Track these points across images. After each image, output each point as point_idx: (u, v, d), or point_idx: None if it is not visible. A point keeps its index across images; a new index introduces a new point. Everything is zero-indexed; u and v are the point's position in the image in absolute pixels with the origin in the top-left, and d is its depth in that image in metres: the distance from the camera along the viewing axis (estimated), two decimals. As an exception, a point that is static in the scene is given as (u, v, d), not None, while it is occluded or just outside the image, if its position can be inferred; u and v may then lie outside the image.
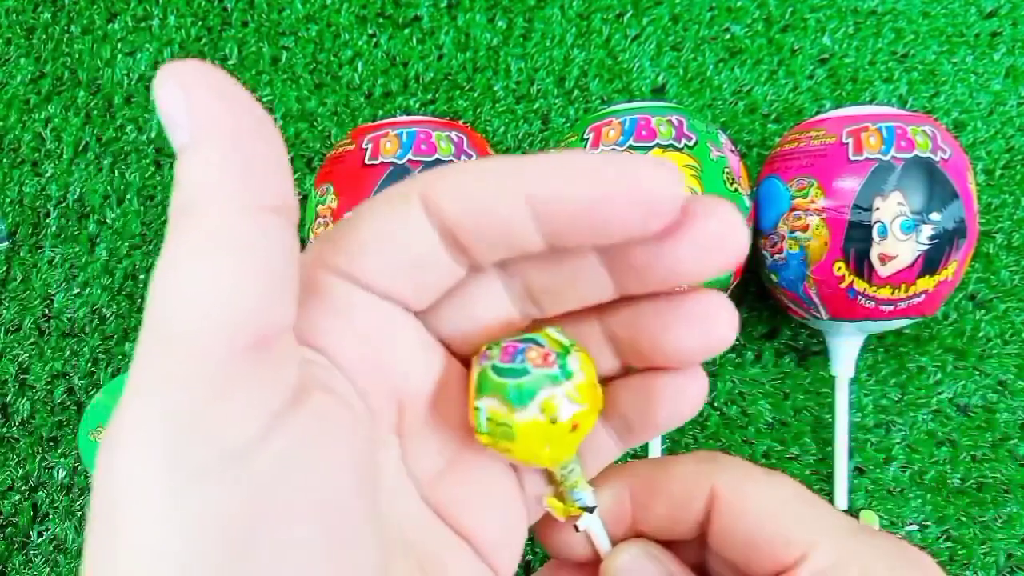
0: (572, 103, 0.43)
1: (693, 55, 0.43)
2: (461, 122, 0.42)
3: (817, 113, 0.38)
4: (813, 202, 0.33)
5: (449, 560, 0.17)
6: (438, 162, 0.32)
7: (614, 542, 0.20)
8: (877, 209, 0.31)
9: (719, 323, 0.17)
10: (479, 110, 0.43)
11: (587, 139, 0.33)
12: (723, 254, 0.15)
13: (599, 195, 0.14)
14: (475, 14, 0.43)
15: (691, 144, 0.32)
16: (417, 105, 0.43)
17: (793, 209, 0.33)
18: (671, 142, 0.32)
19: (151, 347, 0.12)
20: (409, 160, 0.32)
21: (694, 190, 0.32)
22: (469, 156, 0.33)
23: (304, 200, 0.42)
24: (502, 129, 0.42)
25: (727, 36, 0.43)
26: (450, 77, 0.43)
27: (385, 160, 0.32)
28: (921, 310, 0.33)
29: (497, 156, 0.16)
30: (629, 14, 0.43)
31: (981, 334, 0.39)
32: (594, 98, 0.43)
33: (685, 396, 0.18)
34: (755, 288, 0.39)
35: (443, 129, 0.33)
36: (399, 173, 0.32)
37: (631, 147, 0.32)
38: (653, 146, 0.32)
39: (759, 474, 0.19)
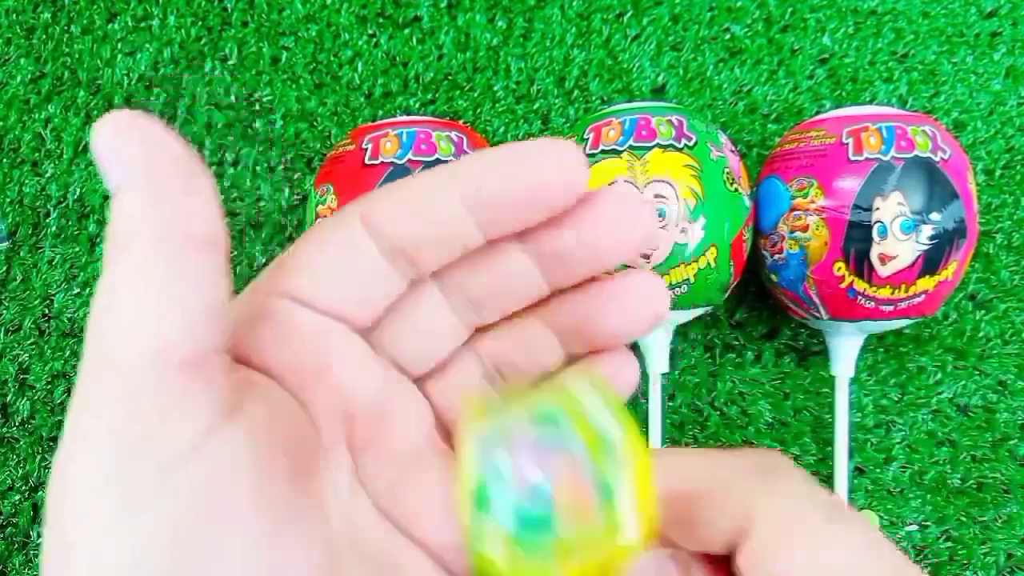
0: (572, 103, 0.43)
1: (693, 55, 0.43)
2: (461, 122, 0.42)
3: (817, 113, 0.38)
4: (813, 202, 0.33)
5: (408, 568, 0.17)
6: (438, 162, 0.32)
7: None
8: (877, 209, 0.31)
9: (648, 300, 0.18)
10: (479, 110, 0.43)
11: (587, 139, 0.33)
12: (632, 230, 0.17)
13: (523, 180, 0.16)
14: (475, 14, 0.43)
15: (691, 144, 0.32)
16: (417, 105, 0.43)
17: (793, 209, 0.33)
18: (671, 142, 0.32)
19: (93, 367, 0.14)
20: (409, 160, 0.32)
21: (694, 190, 0.32)
22: (469, 156, 0.33)
23: (304, 200, 0.42)
24: (502, 129, 0.42)
25: (727, 36, 0.43)
26: (450, 77, 0.43)
27: (385, 160, 0.32)
28: (921, 310, 0.33)
29: (430, 169, 0.18)
30: (629, 14, 0.43)
31: (981, 334, 0.39)
32: (594, 98, 0.43)
33: (621, 376, 0.19)
34: (755, 288, 0.39)
35: (443, 129, 0.33)
36: (399, 173, 0.32)
37: (631, 147, 0.32)
38: (653, 146, 0.32)
39: (815, 519, 0.14)
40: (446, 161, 0.32)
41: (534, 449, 0.12)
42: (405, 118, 0.34)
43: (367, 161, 0.32)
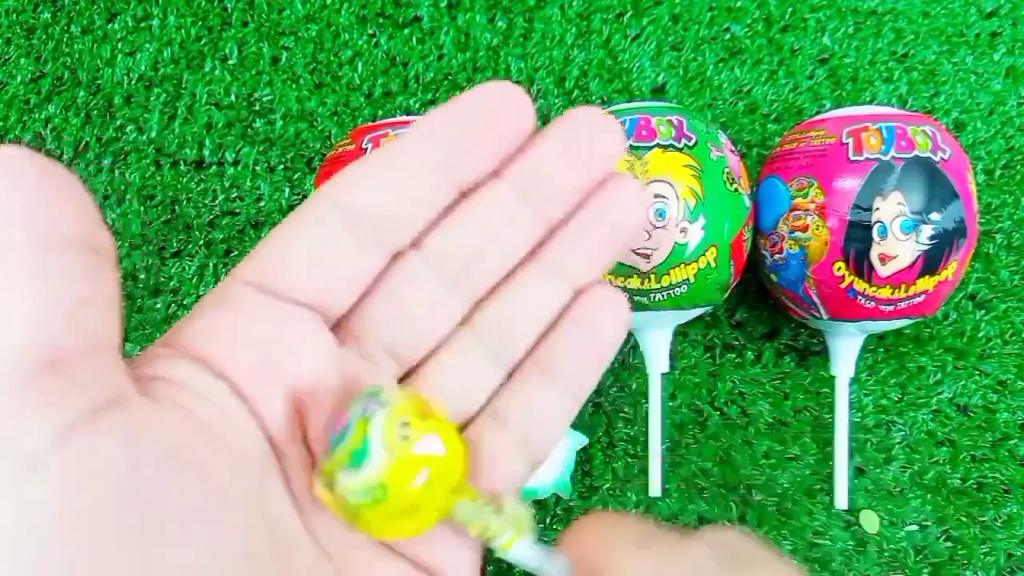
0: (572, 103, 0.43)
1: (693, 55, 0.43)
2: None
3: (817, 113, 0.38)
4: (813, 202, 0.33)
5: (377, 568, 0.17)
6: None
7: None
8: (877, 209, 0.31)
9: (630, 210, 0.20)
10: (479, 110, 0.43)
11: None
12: (604, 134, 0.19)
13: (485, 127, 0.18)
14: (475, 14, 0.43)
15: (691, 144, 0.32)
16: (417, 105, 0.43)
17: (793, 209, 0.33)
18: (671, 142, 0.32)
19: None
20: None
21: (694, 190, 0.32)
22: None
23: (304, 200, 0.42)
24: (502, 129, 0.42)
25: (727, 36, 0.43)
26: (450, 77, 0.43)
27: None
28: (921, 310, 0.33)
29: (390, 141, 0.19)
30: (629, 14, 0.43)
31: (981, 334, 0.39)
32: (594, 98, 0.43)
33: (613, 312, 0.20)
34: (755, 288, 0.39)
35: None
36: None
37: (631, 147, 0.32)
38: (653, 146, 0.32)
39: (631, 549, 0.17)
40: None
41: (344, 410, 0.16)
42: (406, 118, 0.34)
43: (367, 161, 0.32)
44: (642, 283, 0.32)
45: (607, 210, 0.19)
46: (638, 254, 0.32)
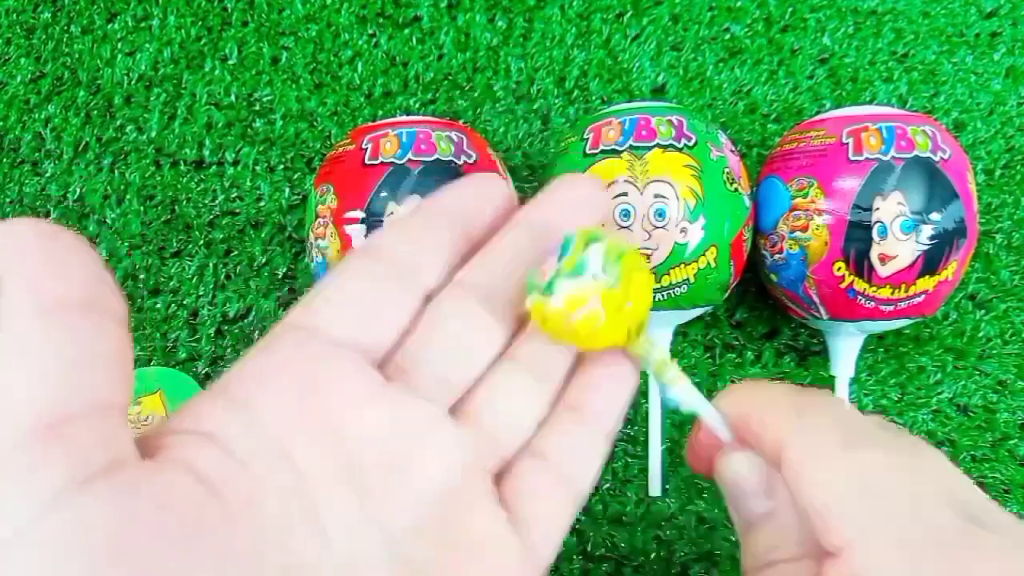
0: (572, 103, 0.43)
1: (693, 55, 0.43)
2: (461, 122, 0.42)
3: (817, 113, 0.38)
4: (813, 202, 0.33)
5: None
6: (438, 162, 0.32)
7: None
8: (877, 209, 0.31)
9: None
10: (479, 110, 0.43)
11: (587, 139, 0.33)
12: (593, 199, 0.23)
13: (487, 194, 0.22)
14: (475, 14, 0.43)
15: (691, 144, 0.32)
16: (417, 105, 0.43)
17: (793, 209, 0.33)
18: (671, 142, 0.32)
19: None
20: (409, 160, 0.32)
21: (694, 190, 0.32)
22: (468, 156, 0.33)
23: (304, 200, 0.42)
24: (502, 129, 0.42)
25: (727, 36, 0.43)
26: (450, 77, 0.43)
27: (385, 160, 0.32)
28: (921, 310, 0.33)
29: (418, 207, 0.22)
30: (629, 14, 0.43)
31: (981, 334, 0.39)
32: (594, 98, 0.43)
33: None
34: (755, 288, 0.39)
35: (443, 129, 0.33)
36: (399, 173, 0.32)
37: (631, 147, 0.32)
38: (653, 146, 0.32)
39: (833, 447, 0.18)
40: (445, 161, 0.32)
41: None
42: (405, 118, 0.34)
43: (367, 161, 0.32)
44: (642, 283, 0.32)
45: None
46: (638, 254, 0.32)
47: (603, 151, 0.33)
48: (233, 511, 0.15)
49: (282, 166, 0.42)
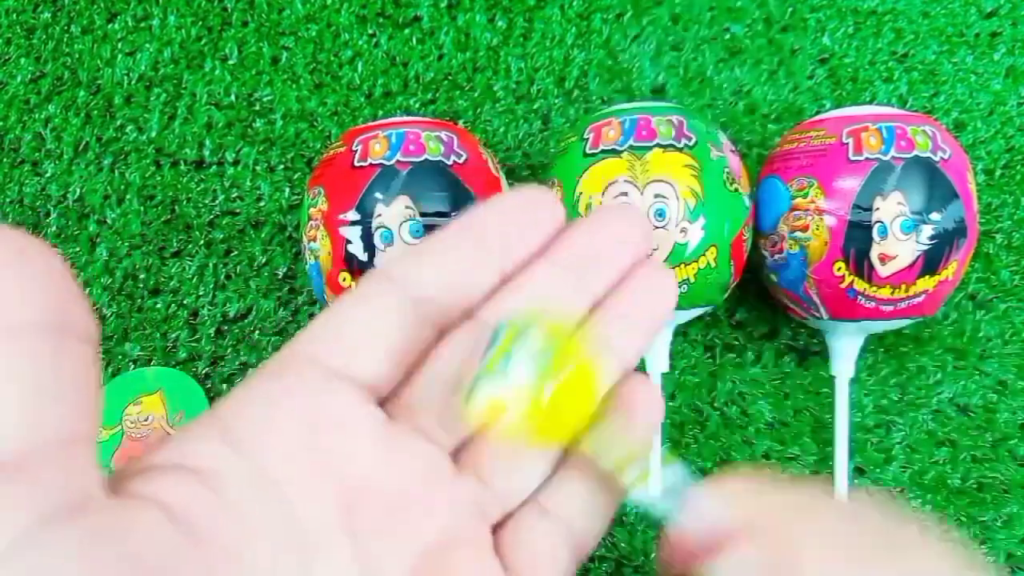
0: (572, 103, 0.43)
1: (693, 55, 0.43)
2: (461, 122, 0.42)
3: (817, 113, 0.38)
4: (813, 202, 0.33)
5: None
6: (427, 162, 0.32)
7: None
8: (877, 209, 0.31)
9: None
10: (479, 110, 0.43)
11: (587, 139, 0.33)
12: (631, 229, 0.21)
13: (526, 217, 0.20)
14: (475, 14, 0.43)
15: (691, 144, 0.32)
16: (417, 105, 0.43)
17: (793, 209, 0.33)
18: (671, 142, 0.32)
19: None
20: (397, 161, 0.32)
21: (694, 190, 0.32)
22: (459, 155, 0.33)
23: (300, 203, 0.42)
24: (502, 129, 0.42)
25: (727, 36, 0.43)
26: (450, 77, 0.43)
27: (374, 162, 0.32)
28: (921, 310, 0.33)
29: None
30: (629, 14, 0.43)
31: (981, 334, 0.39)
32: (594, 98, 0.43)
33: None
34: (755, 288, 0.39)
35: (433, 129, 0.33)
36: (388, 174, 0.32)
37: (631, 147, 0.32)
38: (653, 146, 0.32)
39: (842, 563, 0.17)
40: (435, 161, 0.32)
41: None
42: (396, 119, 0.34)
43: (356, 163, 0.32)
44: (642, 283, 0.32)
45: (644, 289, 0.20)
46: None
47: (603, 151, 0.33)
48: (212, 559, 0.14)
49: (282, 166, 0.42)
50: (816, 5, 0.43)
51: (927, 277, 0.32)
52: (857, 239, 0.32)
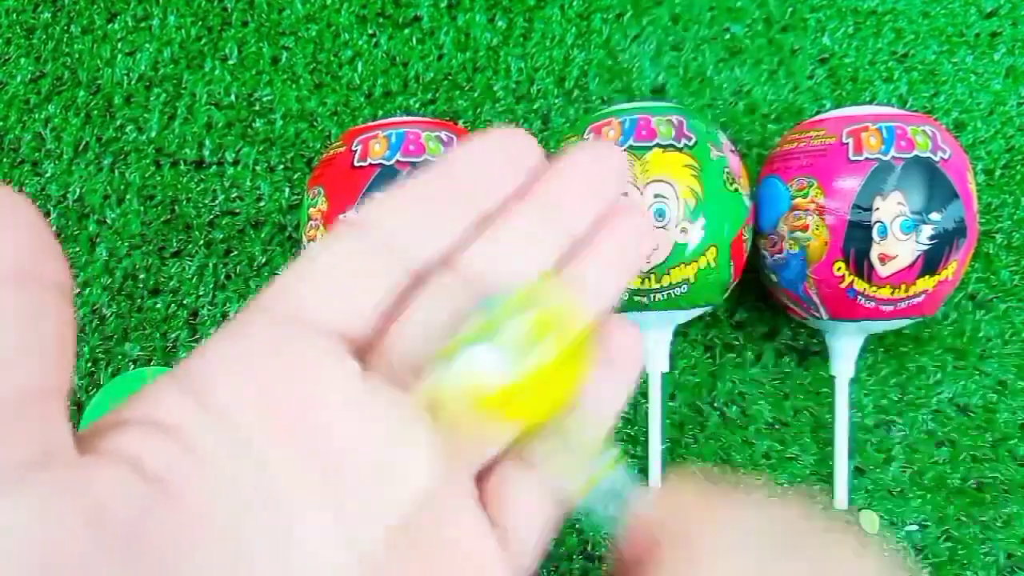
0: (572, 103, 0.43)
1: (693, 55, 0.43)
2: (461, 122, 0.42)
3: (817, 113, 0.38)
4: (813, 202, 0.33)
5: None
6: (426, 163, 0.32)
7: None
8: (877, 209, 0.31)
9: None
10: (479, 110, 0.43)
11: (587, 139, 0.33)
12: (608, 161, 0.20)
13: (502, 158, 0.19)
14: (475, 14, 0.43)
15: (691, 144, 0.32)
16: (417, 105, 0.43)
17: (793, 209, 0.33)
18: (671, 142, 0.32)
19: None
20: (397, 161, 0.32)
21: (694, 190, 0.32)
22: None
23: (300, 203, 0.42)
24: (502, 129, 0.42)
25: (727, 36, 0.43)
26: (450, 77, 0.43)
27: (374, 162, 0.32)
28: (921, 310, 0.33)
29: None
30: (629, 14, 0.43)
31: (981, 334, 0.39)
32: (594, 98, 0.43)
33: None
34: (755, 288, 0.39)
35: (433, 129, 0.33)
36: (387, 174, 0.32)
37: (631, 147, 0.32)
38: (653, 146, 0.32)
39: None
40: (434, 161, 0.32)
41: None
42: (396, 119, 0.34)
43: (356, 163, 0.32)
44: (642, 283, 0.32)
45: (621, 229, 0.20)
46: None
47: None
48: (188, 518, 0.13)
49: (282, 166, 0.42)
50: (816, 5, 0.43)
51: (927, 277, 0.32)
52: (857, 239, 0.32)
